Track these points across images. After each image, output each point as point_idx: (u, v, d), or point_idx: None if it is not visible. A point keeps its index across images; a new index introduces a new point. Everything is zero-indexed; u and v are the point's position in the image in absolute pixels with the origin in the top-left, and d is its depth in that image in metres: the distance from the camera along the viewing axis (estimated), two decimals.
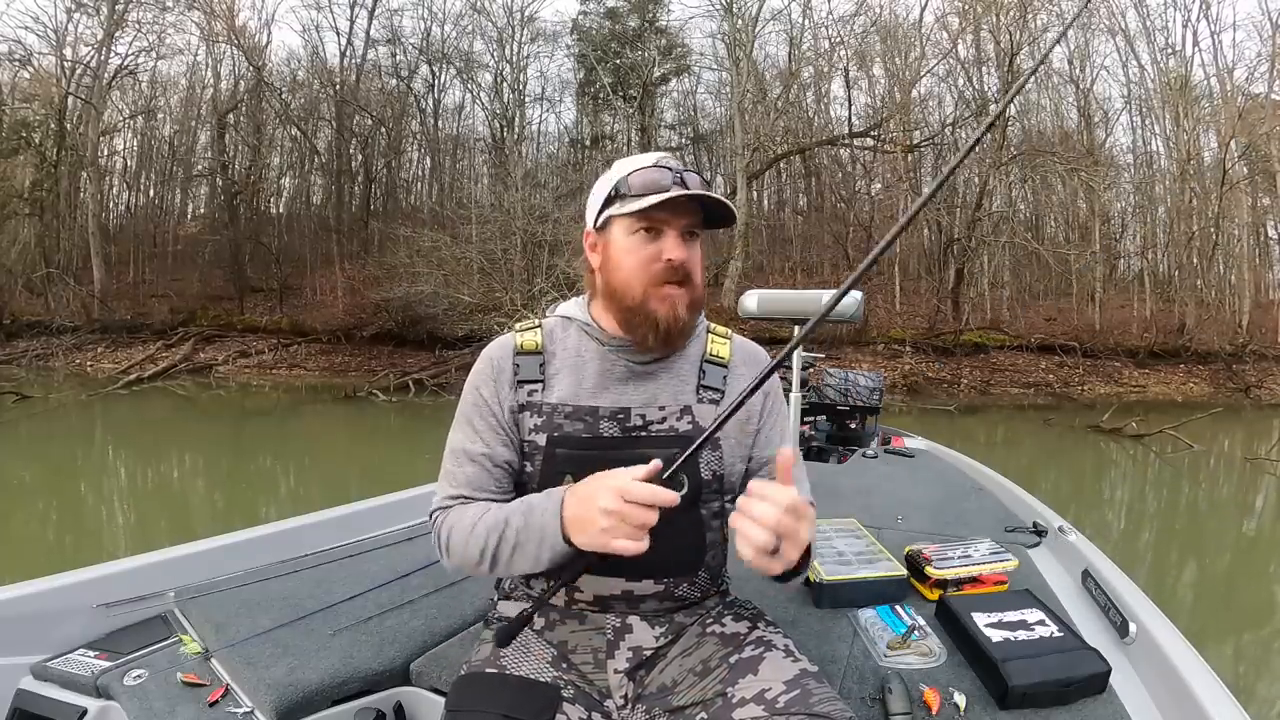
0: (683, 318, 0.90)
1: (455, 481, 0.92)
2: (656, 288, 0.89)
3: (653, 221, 0.88)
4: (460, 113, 19.99)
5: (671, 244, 0.88)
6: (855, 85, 18.19)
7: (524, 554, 0.82)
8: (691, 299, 0.91)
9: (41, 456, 6.96)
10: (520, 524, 0.82)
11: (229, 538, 1.53)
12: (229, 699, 1.04)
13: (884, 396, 3.26)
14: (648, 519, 0.72)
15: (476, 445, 0.92)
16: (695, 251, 0.91)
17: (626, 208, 0.89)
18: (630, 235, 0.90)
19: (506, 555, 0.83)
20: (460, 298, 12.09)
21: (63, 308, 14.82)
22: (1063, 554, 1.63)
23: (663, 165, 0.89)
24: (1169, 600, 3.49)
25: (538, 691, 0.84)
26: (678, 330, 0.90)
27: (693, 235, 0.91)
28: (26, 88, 16.31)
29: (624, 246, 0.90)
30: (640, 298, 0.89)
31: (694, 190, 0.87)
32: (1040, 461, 7.71)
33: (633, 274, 0.89)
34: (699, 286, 0.92)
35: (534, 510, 0.82)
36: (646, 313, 0.89)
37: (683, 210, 0.89)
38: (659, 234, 0.89)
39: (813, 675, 0.83)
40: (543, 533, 0.80)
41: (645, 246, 0.89)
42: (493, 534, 0.84)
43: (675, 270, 0.88)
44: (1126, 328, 14.76)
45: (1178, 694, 0.98)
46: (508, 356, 0.95)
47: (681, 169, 0.89)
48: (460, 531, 0.87)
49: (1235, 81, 16.08)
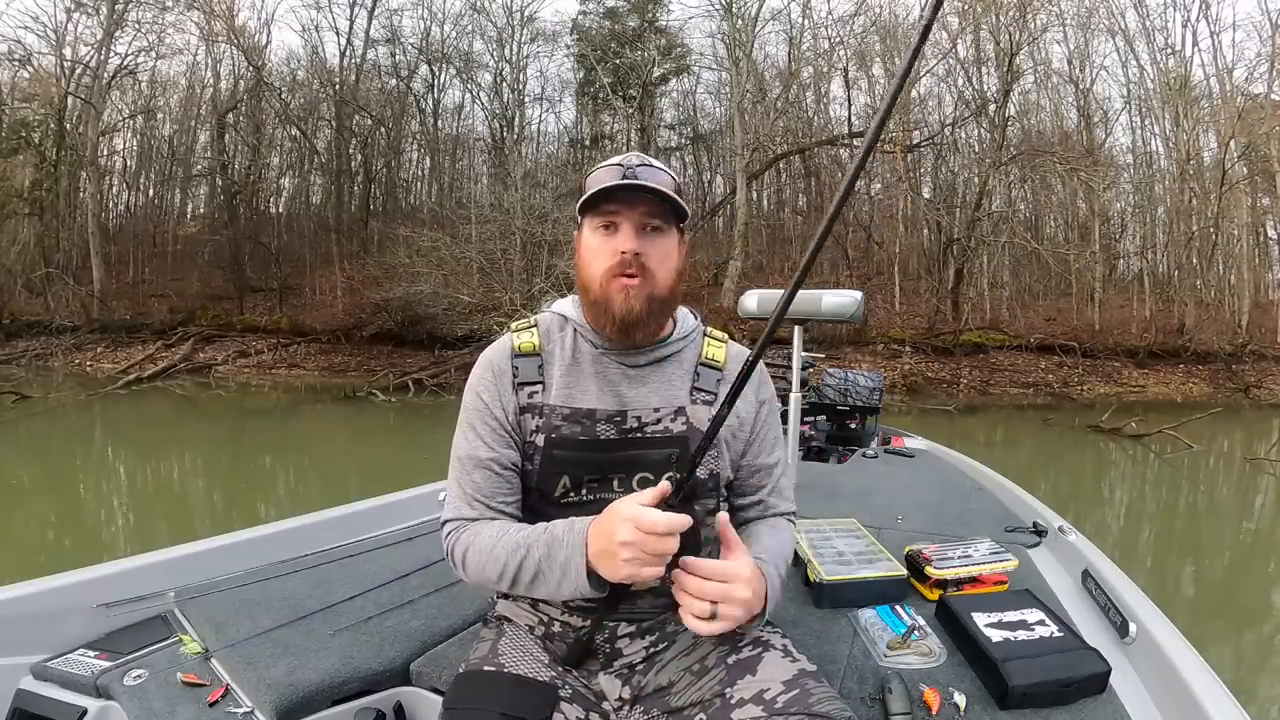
0: (636, 308, 0.90)
1: (466, 491, 0.92)
2: (613, 280, 0.90)
3: (610, 217, 0.90)
4: (460, 113, 19.99)
5: (624, 236, 0.90)
6: (855, 85, 18.21)
7: (545, 582, 0.82)
8: (650, 291, 0.91)
9: (41, 456, 6.96)
10: (543, 554, 0.82)
11: (229, 538, 1.53)
12: (229, 699, 1.04)
13: (884, 396, 3.27)
14: (666, 548, 0.73)
15: (482, 450, 0.92)
16: (656, 245, 0.91)
17: (580, 203, 0.92)
18: (593, 233, 0.92)
19: (526, 581, 0.83)
20: (460, 298, 12.09)
21: (62, 307, 14.80)
22: (1063, 554, 1.63)
23: (618, 163, 0.91)
24: (1169, 600, 3.48)
25: (536, 690, 0.84)
26: (633, 321, 0.90)
27: (654, 229, 0.91)
28: (26, 87, 16.29)
29: (588, 243, 0.93)
30: (599, 290, 0.91)
31: (638, 182, 0.88)
32: (1040, 461, 7.71)
33: (593, 268, 0.91)
34: (662, 280, 0.92)
35: (558, 542, 0.81)
36: (605, 304, 0.91)
37: (636, 204, 0.89)
38: (616, 229, 0.90)
39: (811, 675, 0.83)
40: (565, 568, 0.80)
41: (606, 242, 0.91)
42: (513, 559, 0.83)
43: (627, 262, 0.89)
44: (1126, 328, 14.76)
45: (1178, 694, 0.98)
46: (506, 359, 0.96)
47: (637, 164, 0.91)
48: (477, 552, 0.87)
49: (1235, 81, 16.11)
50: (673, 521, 0.72)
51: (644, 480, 0.90)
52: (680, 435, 0.92)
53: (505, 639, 0.94)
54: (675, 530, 0.72)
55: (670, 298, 0.94)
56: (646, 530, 0.72)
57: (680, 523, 0.73)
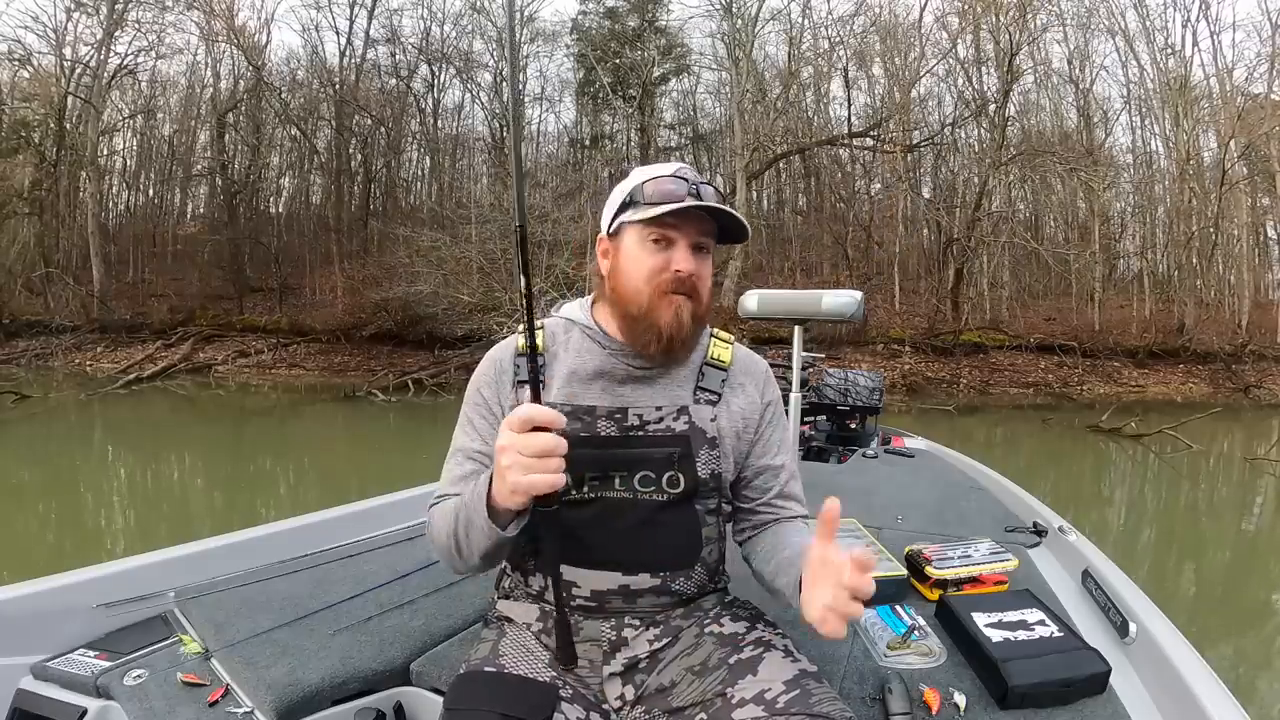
0: (686, 326, 0.90)
1: (452, 479, 0.94)
2: (662, 297, 0.89)
3: (664, 231, 0.89)
4: (460, 112, 19.99)
5: (681, 255, 0.89)
6: (854, 85, 18.21)
7: (474, 531, 0.80)
8: (696, 312, 0.91)
9: (41, 456, 6.96)
10: (467, 498, 0.82)
11: (229, 538, 1.53)
12: (229, 699, 1.04)
13: (884, 396, 3.26)
14: (542, 444, 0.70)
15: (475, 443, 0.94)
16: (705, 265, 0.92)
17: (639, 215, 0.89)
18: (641, 244, 0.90)
19: (463, 536, 0.82)
20: (459, 297, 12.09)
21: (62, 307, 14.81)
22: (1063, 554, 1.63)
23: (680, 176, 0.90)
24: (1169, 600, 3.48)
25: (536, 691, 0.84)
26: (680, 340, 0.91)
27: (703, 250, 0.91)
28: (26, 87, 16.29)
29: (634, 254, 0.91)
30: (646, 306, 0.90)
31: (708, 203, 0.87)
32: (1040, 461, 7.71)
33: (641, 282, 0.90)
34: (705, 300, 0.92)
35: (476, 486, 0.81)
36: (651, 321, 0.89)
37: (695, 222, 0.89)
38: (670, 244, 0.89)
39: (812, 675, 0.83)
40: (475, 501, 0.79)
41: (655, 256, 0.89)
42: (451, 515, 0.84)
43: (683, 282, 0.89)
44: (1126, 328, 14.76)
45: (1178, 694, 0.98)
46: (509, 357, 0.97)
47: (699, 181, 0.90)
48: (436, 519, 0.88)
49: (1235, 82, 16.10)
50: (532, 411, 0.70)
51: (645, 479, 0.90)
52: (683, 434, 0.92)
53: (506, 639, 0.94)
54: (542, 422, 0.70)
55: (707, 315, 0.95)
56: (517, 428, 0.70)
57: (546, 415, 0.70)
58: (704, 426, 0.93)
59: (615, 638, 0.92)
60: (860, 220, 16.78)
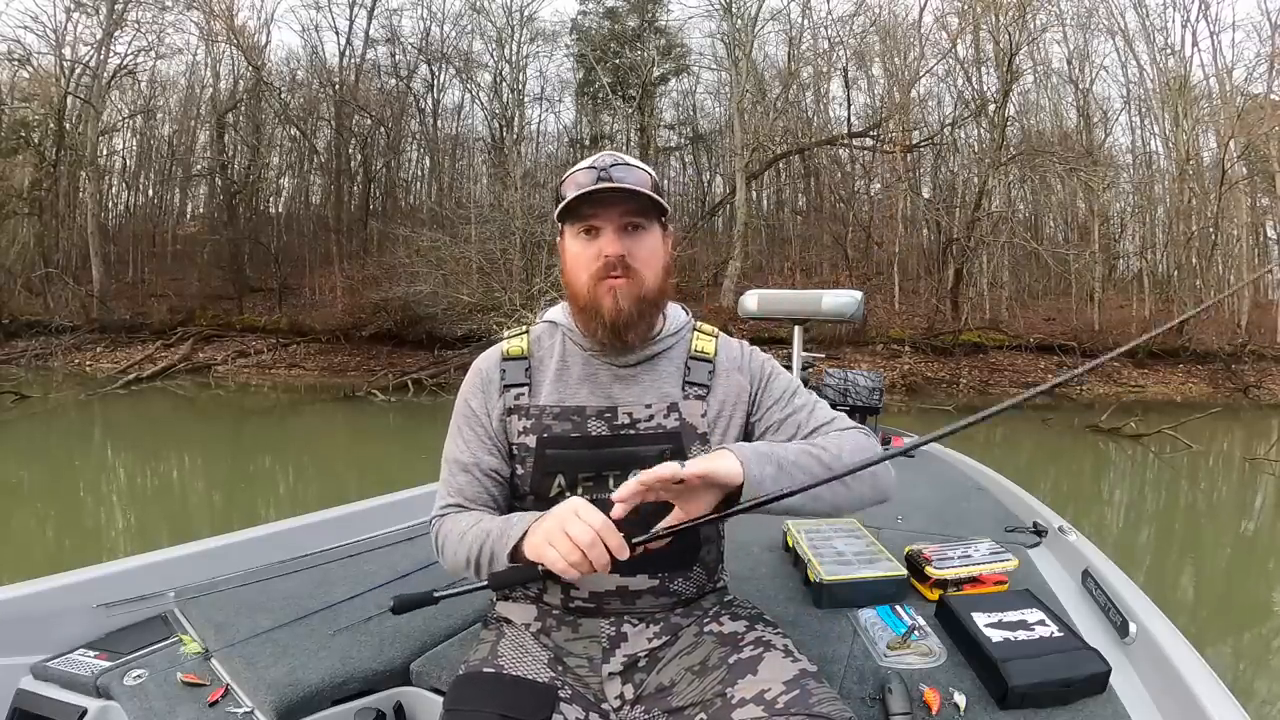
0: (625, 308, 0.90)
1: (451, 490, 0.95)
2: (599, 283, 0.90)
3: (589, 221, 0.90)
4: (460, 113, 19.96)
5: (607, 239, 0.89)
6: (854, 85, 18.18)
7: (497, 565, 0.84)
8: (639, 291, 0.90)
9: (41, 456, 6.95)
10: (497, 535, 0.84)
11: (229, 538, 1.53)
12: (229, 699, 1.04)
13: (884, 396, 3.25)
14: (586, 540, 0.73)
15: (465, 455, 0.95)
16: (639, 243, 0.91)
17: (565, 213, 0.91)
18: (575, 238, 0.92)
19: (486, 564, 0.85)
20: (459, 297, 12.08)
21: (62, 307, 14.80)
22: (1063, 554, 1.63)
23: (592, 166, 0.90)
24: (1169, 600, 3.49)
25: (535, 691, 0.85)
26: (624, 322, 0.90)
27: (637, 228, 0.91)
28: (26, 87, 16.27)
29: (571, 250, 0.93)
30: (587, 295, 0.91)
31: (614, 184, 0.87)
32: (1040, 461, 7.71)
33: (579, 274, 0.91)
34: (649, 278, 0.92)
35: (510, 524, 0.84)
36: (595, 309, 0.91)
37: (616, 204, 0.89)
38: (597, 232, 0.90)
39: (812, 675, 0.83)
40: (500, 548, 0.83)
41: (588, 247, 0.90)
42: (476, 543, 0.86)
43: (613, 264, 0.89)
44: (1125, 328, 14.74)
45: (1178, 694, 0.98)
46: (495, 365, 0.98)
47: (609, 164, 0.90)
48: (452, 539, 0.89)
49: (1234, 82, 16.10)
50: (605, 529, 0.73)
51: None
52: (673, 431, 0.93)
53: (505, 640, 0.94)
54: (603, 540, 0.73)
55: (659, 295, 0.94)
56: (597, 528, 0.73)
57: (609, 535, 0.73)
58: (694, 422, 0.94)
59: (614, 634, 0.92)
60: (860, 220, 16.78)
